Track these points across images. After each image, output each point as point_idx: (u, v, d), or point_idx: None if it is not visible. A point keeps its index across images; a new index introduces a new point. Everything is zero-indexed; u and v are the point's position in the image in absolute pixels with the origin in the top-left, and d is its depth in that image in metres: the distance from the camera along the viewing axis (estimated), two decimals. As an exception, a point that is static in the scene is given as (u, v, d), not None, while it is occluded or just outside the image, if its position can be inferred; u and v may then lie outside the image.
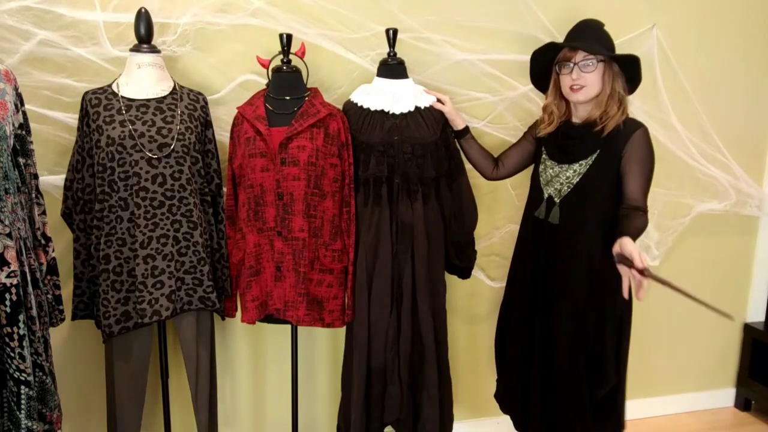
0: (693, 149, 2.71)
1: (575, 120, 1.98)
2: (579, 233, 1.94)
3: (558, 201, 1.96)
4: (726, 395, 3.07)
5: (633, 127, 1.89)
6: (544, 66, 2.02)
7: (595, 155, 1.90)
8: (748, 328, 3.00)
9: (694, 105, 2.69)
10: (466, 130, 2.17)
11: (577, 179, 1.92)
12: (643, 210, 1.85)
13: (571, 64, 1.88)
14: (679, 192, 2.75)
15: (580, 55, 1.87)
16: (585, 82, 1.87)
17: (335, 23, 2.23)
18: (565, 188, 1.94)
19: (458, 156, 2.20)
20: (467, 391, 2.64)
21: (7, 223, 1.53)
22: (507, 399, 2.22)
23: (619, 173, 1.88)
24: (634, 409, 2.94)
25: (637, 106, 2.59)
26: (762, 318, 3.04)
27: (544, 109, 2.04)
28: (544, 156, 2.04)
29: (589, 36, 1.91)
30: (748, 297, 3.01)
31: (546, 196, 2.00)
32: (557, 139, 2.00)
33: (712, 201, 2.80)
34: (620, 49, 2.50)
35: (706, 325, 2.97)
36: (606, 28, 1.98)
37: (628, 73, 1.91)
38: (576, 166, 1.92)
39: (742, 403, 3.03)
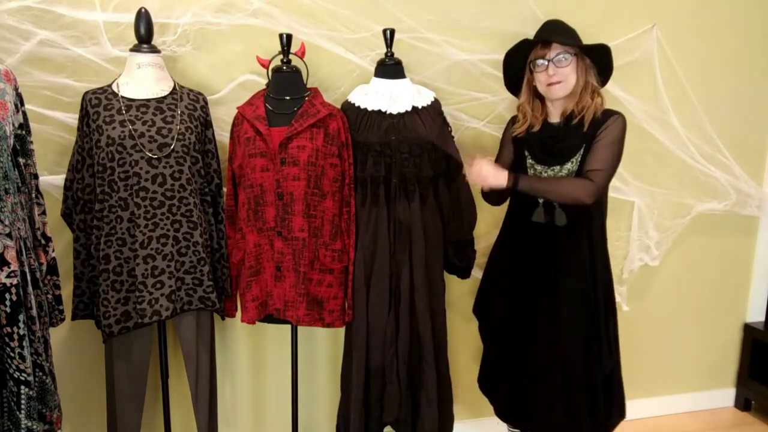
0: (693, 149, 2.71)
1: (553, 119, 2.00)
2: (582, 230, 1.96)
3: (558, 203, 1.97)
4: (726, 395, 3.07)
5: (609, 114, 1.93)
6: (517, 68, 2.03)
7: (582, 150, 1.92)
8: (748, 328, 3.00)
9: (694, 105, 2.69)
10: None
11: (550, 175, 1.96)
12: (594, 176, 1.88)
13: (546, 61, 1.91)
14: (679, 192, 2.75)
15: (553, 51, 1.90)
16: (562, 77, 1.90)
17: (335, 23, 2.23)
18: None
19: (456, 155, 2.20)
20: (467, 391, 2.64)
21: (7, 223, 1.53)
22: (492, 385, 2.25)
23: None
24: (634, 409, 2.94)
25: (637, 106, 2.59)
26: (762, 318, 3.04)
27: (518, 109, 2.07)
28: (530, 161, 2.04)
29: (558, 32, 1.93)
30: (748, 297, 3.01)
31: (543, 200, 2.00)
32: (542, 143, 2.01)
33: (712, 201, 2.80)
34: (620, 50, 2.52)
35: (706, 325, 2.97)
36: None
37: (599, 65, 1.94)
38: (568, 165, 1.95)
39: (742, 403, 3.03)
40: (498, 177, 1.93)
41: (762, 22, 2.73)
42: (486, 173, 1.94)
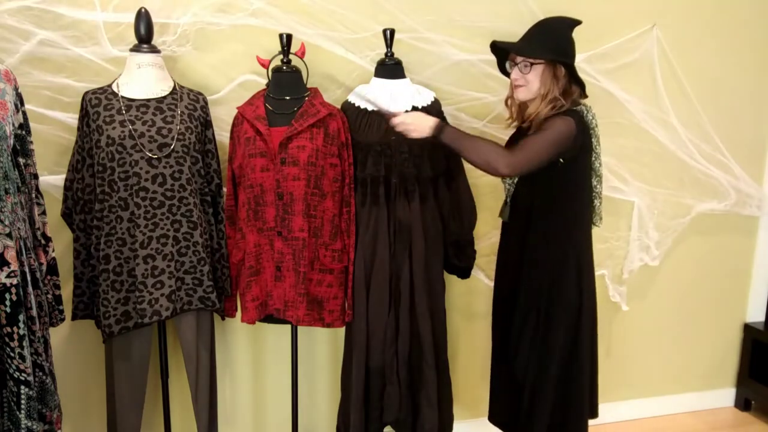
0: (693, 149, 2.71)
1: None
2: (525, 231, 1.98)
3: (509, 201, 2.04)
4: (726, 395, 3.07)
5: (553, 116, 1.87)
6: (504, 60, 2.05)
7: None
8: (748, 328, 3.00)
9: (694, 105, 2.69)
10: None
11: (516, 178, 1.98)
12: (514, 151, 1.82)
13: (513, 65, 1.94)
14: (679, 192, 2.76)
15: (519, 56, 1.92)
16: (524, 81, 1.91)
17: (335, 23, 2.23)
18: (511, 189, 2.02)
19: (457, 155, 2.19)
20: (467, 391, 2.64)
21: (7, 223, 1.53)
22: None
23: (550, 163, 1.87)
24: (634, 409, 2.94)
25: (637, 106, 2.59)
26: (762, 318, 3.04)
27: (505, 102, 2.08)
28: None
29: (534, 37, 1.93)
30: (748, 297, 3.01)
31: (504, 197, 2.08)
32: (509, 141, 2.07)
33: (712, 201, 2.80)
34: (620, 50, 2.52)
35: (706, 325, 2.97)
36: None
37: (574, 76, 1.92)
38: None
39: (742, 403, 3.03)
40: (422, 126, 1.84)
41: (761, 21, 2.73)
42: (409, 124, 1.86)
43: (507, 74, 2.08)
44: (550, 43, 1.90)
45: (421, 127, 1.86)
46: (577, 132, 1.85)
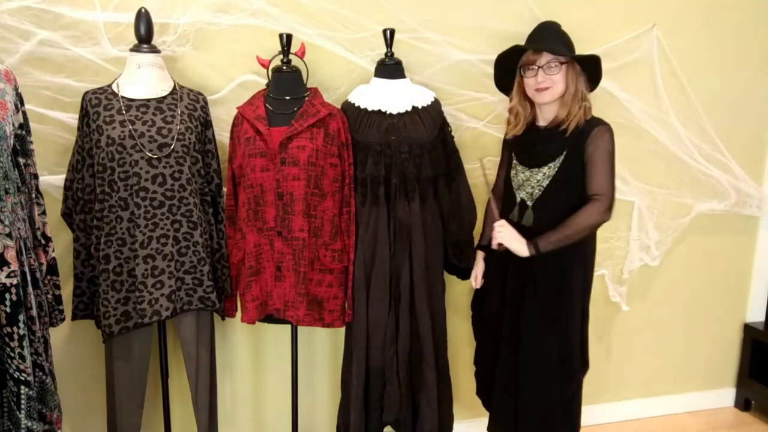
0: (693, 149, 2.71)
1: (541, 123, 2.02)
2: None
3: (530, 204, 2.00)
4: (726, 395, 3.07)
5: (594, 124, 1.93)
6: (509, 69, 2.05)
7: (562, 157, 1.94)
8: (748, 328, 3.00)
9: (694, 105, 2.69)
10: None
11: (547, 182, 1.96)
12: (601, 195, 1.90)
13: (536, 68, 1.93)
14: (679, 192, 2.75)
15: (544, 59, 1.91)
16: (550, 83, 1.92)
17: (335, 23, 2.23)
18: (537, 191, 1.99)
19: (457, 156, 2.20)
20: (467, 391, 2.63)
21: (7, 223, 1.53)
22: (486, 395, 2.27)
23: (584, 169, 1.93)
24: (634, 409, 2.94)
25: (637, 106, 2.59)
26: (762, 318, 3.04)
27: (510, 111, 2.08)
28: (514, 161, 2.08)
29: (550, 38, 1.94)
30: (748, 297, 3.01)
31: (518, 200, 2.04)
32: (525, 145, 2.04)
33: (712, 201, 2.80)
34: (620, 50, 2.52)
35: (706, 325, 2.97)
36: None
37: (588, 72, 1.95)
38: (545, 169, 1.97)
39: (742, 403, 3.03)
40: (519, 246, 1.95)
41: (762, 21, 2.73)
42: (506, 239, 1.98)
43: (504, 90, 2.10)
44: (565, 41, 1.94)
45: (516, 248, 1.96)
46: None
